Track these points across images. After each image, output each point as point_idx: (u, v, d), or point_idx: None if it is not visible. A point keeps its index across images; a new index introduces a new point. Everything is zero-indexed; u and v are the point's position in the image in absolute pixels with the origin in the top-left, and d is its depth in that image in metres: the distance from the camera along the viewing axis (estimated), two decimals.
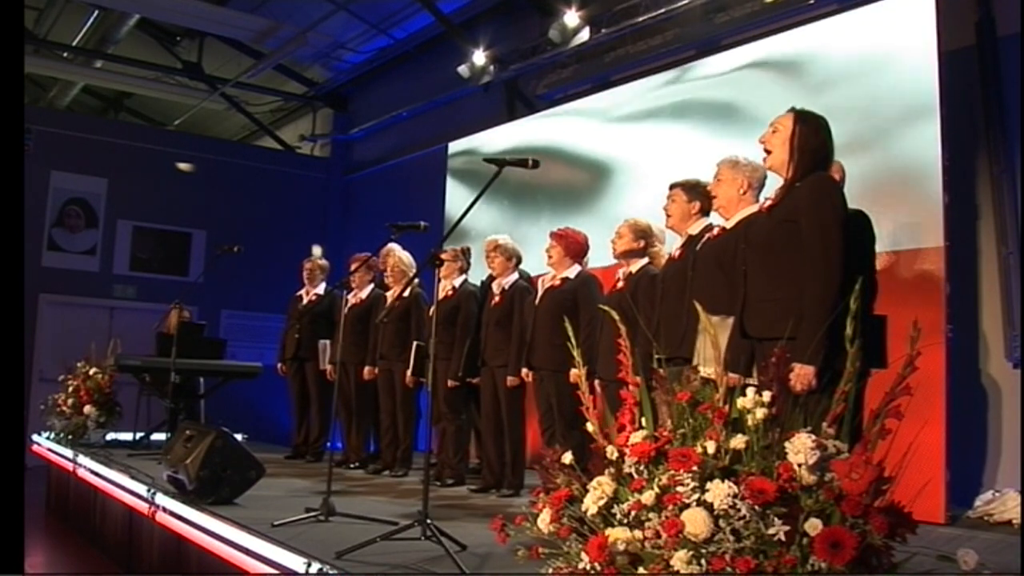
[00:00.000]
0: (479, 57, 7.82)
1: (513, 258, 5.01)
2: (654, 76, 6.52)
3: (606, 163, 6.72)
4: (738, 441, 1.80)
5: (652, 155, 6.25)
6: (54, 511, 6.29)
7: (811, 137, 2.79)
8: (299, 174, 10.93)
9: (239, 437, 4.47)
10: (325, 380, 5.91)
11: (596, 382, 4.05)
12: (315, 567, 2.67)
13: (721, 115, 5.77)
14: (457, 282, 5.24)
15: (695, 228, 3.61)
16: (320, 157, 11.29)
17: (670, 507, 1.76)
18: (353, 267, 5.66)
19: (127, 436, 6.47)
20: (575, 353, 2.20)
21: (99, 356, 6.62)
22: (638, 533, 1.80)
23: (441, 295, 4.92)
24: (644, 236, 4.15)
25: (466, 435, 5.37)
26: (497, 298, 4.95)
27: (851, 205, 2.80)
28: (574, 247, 4.65)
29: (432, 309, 3.63)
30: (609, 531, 1.82)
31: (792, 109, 2.88)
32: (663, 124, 6.26)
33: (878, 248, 3.27)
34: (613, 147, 6.67)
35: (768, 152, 2.89)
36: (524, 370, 4.66)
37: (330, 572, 2.63)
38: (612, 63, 7.08)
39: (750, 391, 1.86)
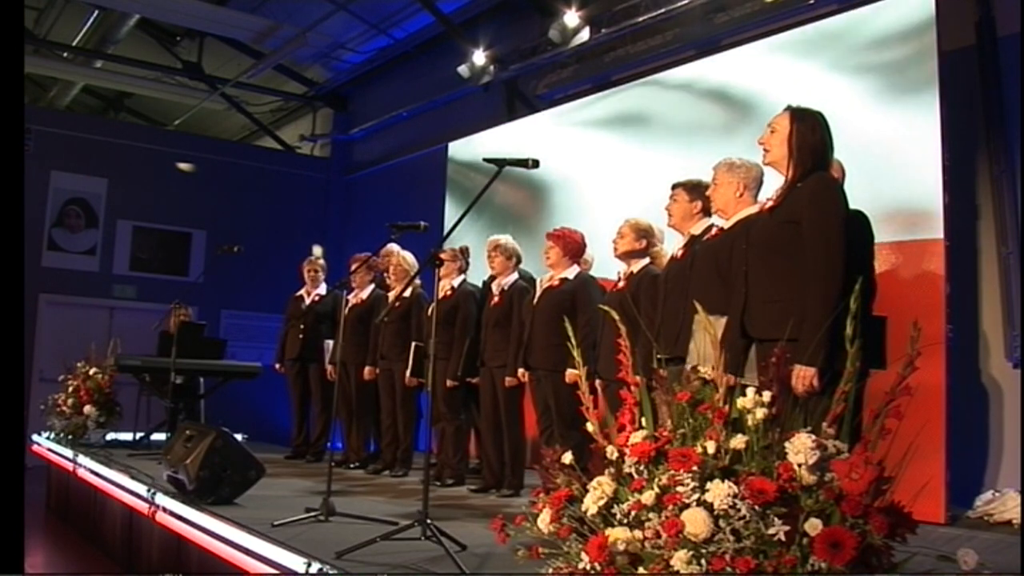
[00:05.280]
0: (479, 57, 7.82)
1: (513, 258, 5.01)
2: (655, 76, 6.52)
3: (606, 163, 6.72)
4: (738, 441, 1.80)
5: (652, 156, 6.25)
6: (54, 511, 6.29)
7: (808, 135, 2.78)
8: (299, 174, 10.93)
9: (239, 437, 4.47)
10: (326, 380, 5.92)
11: (597, 382, 4.05)
12: (315, 567, 2.67)
13: (721, 115, 5.77)
14: (456, 282, 5.24)
15: (697, 228, 3.60)
16: (320, 157, 11.29)
17: (670, 507, 1.76)
18: (353, 267, 5.66)
19: (127, 436, 6.48)
20: (575, 353, 2.20)
21: (99, 356, 6.62)
22: (638, 533, 1.80)
23: (440, 295, 4.92)
24: (646, 236, 4.15)
25: (466, 435, 5.37)
26: (496, 298, 4.94)
27: (851, 205, 2.80)
28: (572, 247, 4.65)
29: (431, 309, 3.62)
30: (609, 531, 1.82)
31: (788, 107, 2.87)
32: (664, 124, 6.26)
33: (877, 248, 3.27)
34: (613, 147, 6.67)
35: (767, 152, 2.89)
36: (521, 371, 4.66)
37: (330, 572, 2.63)
38: (612, 63, 7.08)
39: (750, 391, 1.86)
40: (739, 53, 5.86)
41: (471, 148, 8.05)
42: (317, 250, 6.57)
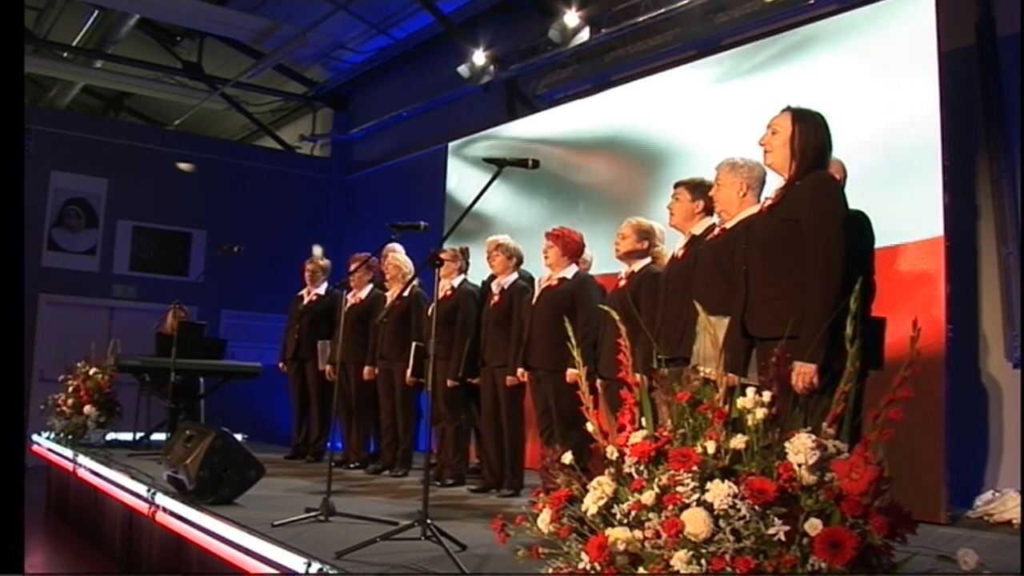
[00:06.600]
0: (479, 57, 7.82)
1: (513, 258, 5.01)
2: (654, 76, 6.52)
3: (608, 163, 6.72)
4: (738, 441, 1.79)
5: (654, 155, 6.25)
6: (54, 511, 6.29)
7: (811, 135, 2.78)
8: (299, 174, 10.93)
9: (239, 437, 4.47)
10: (325, 380, 5.91)
11: (598, 382, 4.05)
12: (315, 567, 2.67)
13: (721, 115, 5.76)
14: (456, 282, 5.24)
15: (699, 228, 3.60)
16: (320, 157, 11.29)
17: (670, 507, 1.76)
18: (353, 267, 5.66)
19: (127, 436, 6.48)
20: (575, 353, 2.20)
21: (99, 356, 6.62)
22: (638, 533, 1.80)
23: (440, 295, 4.92)
24: (647, 236, 4.15)
25: (466, 435, 5.37)
26: (496, 298, 4.94)
27: (851, 205, 2.80)
28: (571, 246, 4.65)
29: (431, 309, 3.62)
30: (609, 531, 1.82)
31: (788, 108, 2.87)
32: (664, 124, 6.26)
33: (878, 247, 3.27)
34: (614, 146, 6.67)
35: (768, 153, 2.88)
36: (520, 370, 4.66)
37: (330, 572, 2.63)
38: (612, 63, 7.08)
39: (750, 391, 1.86)
40: (739, 53, 5.85)
41: (471, 148, 8.05)
42: (317, 250, 6.57)
